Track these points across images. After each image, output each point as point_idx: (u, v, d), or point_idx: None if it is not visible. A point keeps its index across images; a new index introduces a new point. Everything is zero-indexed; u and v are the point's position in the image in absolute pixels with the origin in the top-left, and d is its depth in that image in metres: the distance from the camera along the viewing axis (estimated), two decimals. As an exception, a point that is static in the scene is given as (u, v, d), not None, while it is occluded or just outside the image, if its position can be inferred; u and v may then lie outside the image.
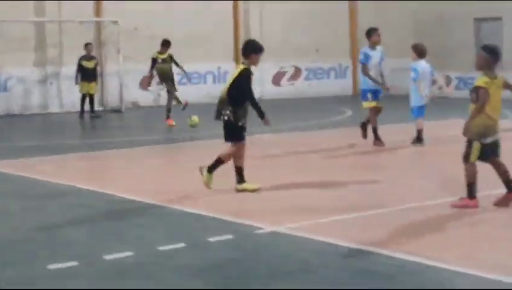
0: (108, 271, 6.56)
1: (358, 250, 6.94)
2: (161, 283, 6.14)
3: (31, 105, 23.61)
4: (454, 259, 6.52)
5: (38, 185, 11.01)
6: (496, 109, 8.45)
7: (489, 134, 8.45)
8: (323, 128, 17.95)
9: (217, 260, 6.80)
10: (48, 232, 8.12)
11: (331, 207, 8.83)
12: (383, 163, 12.59)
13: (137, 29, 24.60)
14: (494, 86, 8.42)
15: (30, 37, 23.68)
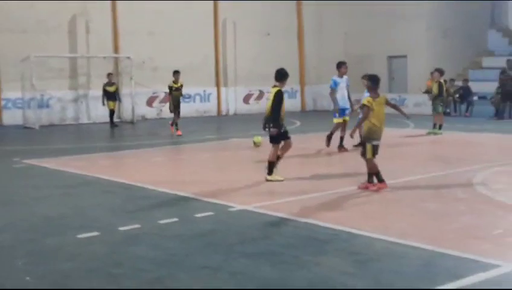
0: (122, 239, 6.51)
1: (304, 222, 6.94)
2: (160, 246, 6.11)
3: (66, 117, 23.62)
4: (372, 229, 6.56)
5: (70, 176, 10.89)
6: (379, 119, 8.64)
7: (374, 137, 8.65)
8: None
9: (201, 230, 6.77)
10: (76, 210, 8.03)
11: (286, 191, 8.82)
12: (320, 160, 12.61)
13: (145, 62, 24.65)
14: (376, 103, 8.66)
15: (65, 68, 23.69)
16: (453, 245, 5.87)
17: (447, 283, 4.84)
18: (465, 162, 11.24)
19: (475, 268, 5.18)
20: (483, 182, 9.16)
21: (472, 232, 6.44)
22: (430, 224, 6.85)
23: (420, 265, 5.38)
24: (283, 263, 5.52)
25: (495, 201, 7.94)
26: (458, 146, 14.22)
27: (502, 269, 5.15)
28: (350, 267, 5.37)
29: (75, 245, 6.27)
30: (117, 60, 24.54)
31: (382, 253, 5.77)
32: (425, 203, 7.91)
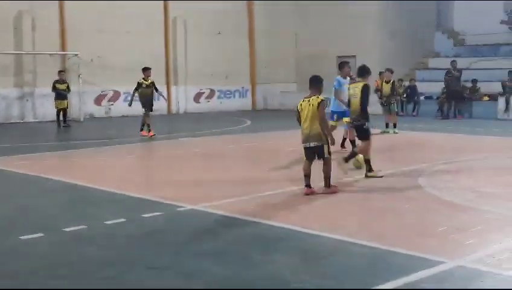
0: (67, 239, 6.36)
1: (254, 221, 6.93)
2: (107, 247, 6.00)
3: (11, 116, 22.94)
4: (321, 227, 6.60)
5: (13, 176, 10.60)
6: (303, 120, 8.31)
7: (302, 139, 8.41)
8: (232, 133, 17.92)
9: (149, 230, 6.69)
10: (20, 211, 7.82)
11: (236, 191, 8.78)
12: (271, 159, 12.62)
13: (93, 60, 24.21)
14: (305, 103, 8.33)
15: (10, 65, 23.00)
16: (399, 243, 5.96)
17: (393, 280, 4.91)
18: (412, 161, 11.45)
19: (420, 265, 5.26)
20: (429, 181, 9.35)
21: (418, 229, 6.55)
22: (377, 222, 6.94)
23: (368, 262, 5.45)
24: (232, 262, 5.49)
25: (440, 199, 8.10)
26: (405, 145, 14.48)
27: (446, 266, 5.25)
28: (299, 265, 5.39)
29: (19, 247, 6.09)
30: (64, 58, 24.03)
31: (331, 251, 5.82)
32: (373, 201, 8.02)
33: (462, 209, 7.47)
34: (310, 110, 8.22)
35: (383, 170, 9.95)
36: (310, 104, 8.26)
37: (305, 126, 8.30)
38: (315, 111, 8.18)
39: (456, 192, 8.51)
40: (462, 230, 6.42)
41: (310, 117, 8.20)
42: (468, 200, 7.94)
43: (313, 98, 8.29)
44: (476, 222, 6.81)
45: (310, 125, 8.22)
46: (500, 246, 5.80)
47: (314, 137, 8.22)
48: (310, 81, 8.50)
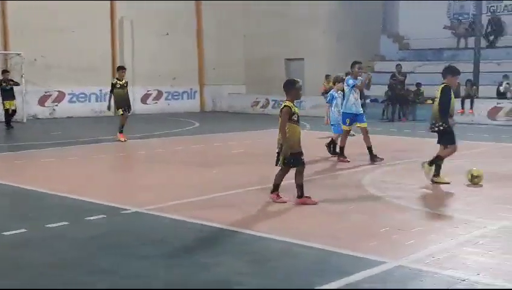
0: (6, 244, 6.21)
1: (201, 224, 6.92)
2: (48, 251, 5.89)
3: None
4: (269, 229, 6.65)
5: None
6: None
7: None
8: (180, 135, 17.83)
9: (93, 233, 6.59)
10: (-41, 215, 7.59)
11: (183, 193, 8.76)
12: (219, 161, 12.62)
13: (37, 60, 23.69)
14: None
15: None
16: (343, 244, 6.06)
17: (335, 280, 4.99)
18: (355, 162, 11.64)
19: (363, 265, 5.37)
20: (373, 182, 9.54)
21: (361, 230, 6.68)
22: (322, 223, 7.03)
23: (312, 263, 5.53)
24: (178, 265, 5.48)
25: (383, 200, 8.28)
26: (350, 147, 14.69)
27: (387, 266, 5.38)
28: (246, 268, 5.42)
29: (-45, 252, 5.92)
30: (6, 57, 23.43)
31: (277, 253, 5.87)
32: (319, 203, 8.12)
33: (403, 210, 7.66)
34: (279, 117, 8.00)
35: (328, 172, 10.11)
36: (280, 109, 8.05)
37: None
38: (280, 117, 7.91)
39: (399, 193, 8.70)
40: (404, 230, 6.58)
41: (279, 123, 7.93)
42: (409, 201, 8.14)
43: (282, 103, 8.05)
44: (416, 222, 6.99)
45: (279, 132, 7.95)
46: (439, 246, 5.97)
47: (278, 144, 7.95)
48: (283, 86, 8.11)
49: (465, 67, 23.18)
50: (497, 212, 7.48)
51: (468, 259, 5.57)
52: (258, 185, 9.19)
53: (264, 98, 27.30)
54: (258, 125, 20.06)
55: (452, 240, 6.21)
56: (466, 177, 9.20)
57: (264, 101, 27.33)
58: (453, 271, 5.20)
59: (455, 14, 27.17)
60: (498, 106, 20.80)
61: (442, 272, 5.18)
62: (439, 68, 24.02)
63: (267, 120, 22.02)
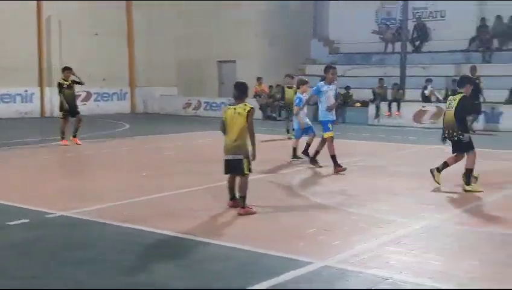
0: None
1: (128, 227, 6.82)
2: (-34, 259, 5.67)
3: None
4: (196, 232, 6.63)
5: None
6: (227, 130, 7.58)
7: (224, 151, 7.67)
8: (109, 137, 17.52)
9: (15, 239, 6.39)
10: None
11: (110, 196, 8.60)
12: (141, 163, 12.48)
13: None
14: (231, 112, 7.59)
15: None
16: (271, 245, 6.11)
17: (262, 282, 5.03)
18: (285, 165, 11.76)
19: (290, 266, 5.43)
20: (301, 183, 9.67)
21: (289, 231, 6.75)
22: (251, 225, 7.07)
23: (240, 265, 5.54)
24: (102, 269, 5.38)
25: (311, 201, 8.41)
26: (280, 149, 14.85)
27: (314, 266, 5.45)
28: (174, 271, 5.38)
29: None
30: None
31: (205, 256, 5.86)
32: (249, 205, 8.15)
33: (330, 211, 7.79)
34: (235, 120, 7.50)
35: (258, 174, 10.17)
36: (236, 113, 7.52)
37: (229, 137, 7.53)
38: (243, 121, 7.47)
39: (326, 194, 8.86)
40: (330, 231, 6.69)
41: (234, 127, 7.48)
42: (336, 202, 8.30)
43: (240, 106, 7.56)
44: (343, 223, 7.13)
45: (235, 137, 7.47)
46: (364, 246, 6.10)
47: (234, 149, 7.49)
48: (236, 88, 7.72)
49: (392, 71, 24.01)
50: (420, 212, 7.72)
51: (391, 258, 5.72)
52: (189, 187, 9.15)
53: (196, 100, 27.22)
54: (190, 127, 19.98)
55: (377, 240, 6.37)
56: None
57: (196, 103, 27.24)
58: (377, 270, 5.33)
59: (383, 20, 27.92)
60: (423, 109, 21.49)
61: (367, 271, 5.30)
62: (367, 72, 24.95)
63: (199, 122, 22.01)
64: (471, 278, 5.19)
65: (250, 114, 7.51)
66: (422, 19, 26.31)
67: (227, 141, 7.58)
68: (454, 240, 6.56)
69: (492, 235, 6.65)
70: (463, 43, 24.50)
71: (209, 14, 27.46)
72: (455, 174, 9.41)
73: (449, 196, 8.86)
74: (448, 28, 24.82)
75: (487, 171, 11.18)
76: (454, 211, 7.83)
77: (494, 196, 8.84)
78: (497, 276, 5.29)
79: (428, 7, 26.37)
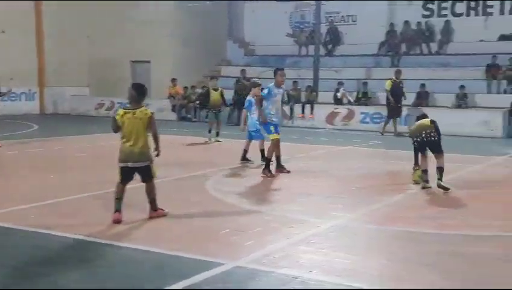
0: None
1: (33, 231, 6.61)
2: None
3: None
4: (107, 235, 6.53)
5: None
6: (127, 136, 7.10)
7: (122, 158, 7.16)
8: (16, 138, 16.85)
9: None
10: None
11: (17, 199, 8.29)
12: (49, 165, 12.12)
13: None
14: (130, 116, 7.07)
15: None
16: (184, 247, 6.10)
17: (174, 284, 5.01)
18: (200, 166, 11.75)
19: (202, 267, 5.43)
20: (215, 185, 9.69)
21: (203, 233, 6.75)
22: (162, 228, 7.01)
23: (151, 268, 5.49)
24: (5, 276, 5.18)
25: (224, 202, 8.44)
26: (195, 150, 14.84)
27: (226, 267, 5.48)
28: (79, 276, 5.26)
29: None
30: None
31: (113, 259, 5.77)
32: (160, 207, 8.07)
33: (244, 212, 7.86)
34: (136, 125, 7.07)
35: (173, 175, 10.12)
36: (136, 117, 7.07)
37: (128, 143, 7.08)
38: (143, 126, 7.11)
39: (239, 196, 8.92)
40: (242, 232, 6.75)
41: (136, 133, 7.07)
42: (249, 203, 8.39)
43: (140, 110, 7.12)
44: (255, 224, 7.19)
45: (135, 143, 7.06)
46: (275, 246, 6.19)
47: (139, 156, 7.13)
48: (135, 90, 7.21)
49: (305, 74, 24.47)
50: (330, 211, 7.92)
51: (301, 257, 5.84)
52: (98, 190, 8.95)
53: (109, 100, 26.68)
54: (102, 128, 19.51)
55: (288, 239, 6.48)
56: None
57: (109, 104, 26.70)
58: (287, 269, 5.43)
59: (296, 23, 28.40)
60: (335, 111, 22.03)
61: (278, 271, 5.39)
62: (282, 74, 25.24)
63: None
64: (379, 276, 5.38)
65: (153, 120, 7.18)
66: (334, 23, 26.97)
67: (129, 148, 7.09)
68: (363, 238, 6.78)
69: (399, 233, 6.91)
70: (373, 47, 25.34)
71: (123, 14, 26.98)
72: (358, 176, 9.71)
73: (358, 196, 9.14)
74: (359, 33, 25.59)
75: (394, 172, 11.63)
76: (363, 211, 8.07)
77: (400, 196, 9.20)
78: (404, 273, 5.51)
79: (341, 11, 27.08)
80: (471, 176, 11.33)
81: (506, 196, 9.37)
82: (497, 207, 8.50)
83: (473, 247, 6.34)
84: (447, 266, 5.67)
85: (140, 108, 7.17)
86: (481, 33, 23.87)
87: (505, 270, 5.61)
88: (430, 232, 6.95)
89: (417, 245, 6.39)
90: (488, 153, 14.75)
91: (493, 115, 19.44)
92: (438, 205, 8.57)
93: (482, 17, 24.28)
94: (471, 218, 7.83)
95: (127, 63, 27.95)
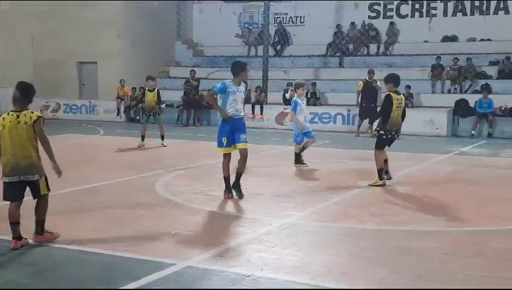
0: None
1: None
2: None
3: None
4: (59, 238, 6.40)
5: None
6: (9, 145, 6.05)
7: (6, 172, 6.10)
8: None
9: None
10: None
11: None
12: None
13: None
14: (12, 120, 6.02)
15: None
16: (134, 248, 6.05)
17: (125, 284, 4.97)
18: (149, 167, 11.67)
19: (152, 268, 5.40)
20: (165, 186, 9.64)
21: (153, 234, 6.71)
22: (112, 229, 6.93)
23: (99, 270, 5.44)
24: None
25: (174, 203, 8.40)
26: (146, 152, 14.70)
27: (176, 267, 5.47)
28: (25, 279, 5.16)
29: None
30: None
31: (61, 262, 5.67)
32: (110, 209, 7.98)
33: (194, 213, 7.83)
34: (21, 132, 6.02)
35: (123, 177, 10.01)
36: (21, 122, 6.03)
37: (13, 154, 6.01)
38: (28, 132, 6.04)
39: (189, 196, 8.89)
40: (193, 232, 6.74)
41: (23, 141, 6.03)
42: (200, 204, 8.36)
43: (25, 114, 6.07)
44: (205, 223, 7.20)
45: (19, 152, 6.01)
46: (226, 245, 6.22)
47: (28, 169, 6.05)
48: (20, 90, 6.16)
49: (254, 74, 24.51)
50: (281, 211, 7.98)
51: (252, 256, 5.87)
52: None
53: (55, 101, 26.19)
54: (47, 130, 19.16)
55: (239, 238, 6.51)
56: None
57: (55, 105, 26.22)
58: (238, 268, 5.45)
59: (245, 24, 28.50)
60: (285, 111, 22.17)
61: (229, 270, 5.41)
62: (231, 75, 25.18)
63: (58, 125, 21.18)
64: (327, 272, 5.46)
65: (38, 123, 6.07)
66: (283, 24, 27.18)
67: (10, 159, 6.01)
68: (312, 236, 6.86)
69: (347, 230, 7.03)
70: (321, 48, 25.64)
71: (69, 13, 26.48)
72: (309, 175, 9.79)
73: (308, 195, 9.24)
74: (308, 34, 25.87)
75: (344, 170, 11.81)
76: (312, 209, 8.16)
77: (348, 193, 9.36)
78: (351, 268, 5.61)
79: (289, 13, 27.31)
80: (416, 173, 11.60)
81: (450, 192, 9.64)
82: (442, 203, 8.73)
83: (419, 242, 6.51)
84: (394, 261, 5.81)
85: (24, 111, 6.09)
86: (425, 34, 24.50)
87: (451, 264, 5.78)
88: (376, 228, 7.10)
89: (364, 241, 6.51)
90: (433, 151, 15.15)
91: (438, 115, 19.96)
92: (384, 202, 8.75)
93: (426, 18, 24.90)
94: (417, 214, 8.03)
95: (74, 63, 27.49)
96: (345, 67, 24.78)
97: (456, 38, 24.20)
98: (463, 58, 22.20)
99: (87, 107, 25.58)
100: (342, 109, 21.29)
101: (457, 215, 7.97)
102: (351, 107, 20.82)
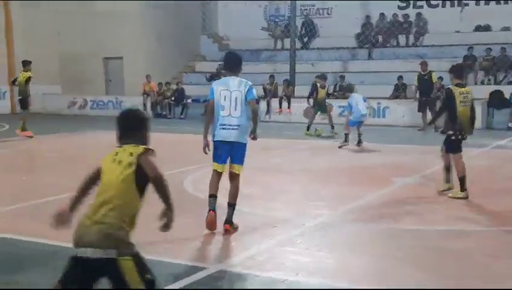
0: None
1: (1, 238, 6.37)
2: None
3: None
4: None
5: None
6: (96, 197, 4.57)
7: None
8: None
9: None
10: None
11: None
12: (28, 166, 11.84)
13: None
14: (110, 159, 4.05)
15: None
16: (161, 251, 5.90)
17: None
18: (177, 164, 11.54)
19: (184, 272, 5.30)
20: (194, 184, 9.50)
21: (181, 235, 6.54)
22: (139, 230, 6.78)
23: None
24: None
25: (203, 202, 8.24)
26: (173, 148, 14.62)
27: (208, 271, 5.33)
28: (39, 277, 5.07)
29: None
30: None
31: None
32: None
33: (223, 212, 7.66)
34: (113, 174, 3.77)
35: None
36: (116, 161, 3.80)
37: (92, 210, 3.71)
38: (126, 177, 3.77)
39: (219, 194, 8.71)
40: (225, 234, 6.57)
41: (111, 190, 3.77)
42: (230, 203, 8.18)
43: (127, 148, 3.86)
44: (237, 224, 7.03)
45: (104, 209, 3.71)
46: (259, 247, 6.05)
47: (103, 237, 3.64)
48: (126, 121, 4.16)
49: (281, 67, 24.32)
50: (313, 210, 7.79)
51: (287, 259, 5.70)
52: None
53: (82, 98, 26.30)
54: (75, 127, 19.26)
55: (271, 240, 6.34)
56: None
57: (82, 102, 26.33)
58: (272, 273, 5.28)
59: (271, 16, 28.27)
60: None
61: (263, 274, 5.25)
62: (257, 68, 25.07)
63: (85, 121, 21.27)
64: (363, 275, 5.27)
65: (145, 157, 3.86)
66: (309, 16, 26.87)
67: (86, 219, 3.69)
68: (347, 236, 6.67)
69: (381, 230, 6.83)
70: (349, 40, 25.29)
71: (95, 10, 26.52)
72: (340, 171, 9.57)
73: (340, 193, 9.03)
74: (335, 25, 25.52)
75: (377, 166, 11.57)
76: (344, 208, 7.96)
77: (383, 191, 9.11)
78: (388, 270, 5.41)
79: (315, 4, 26.99)
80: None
81: (489, 189, 9.33)
82: (480, 200, 8.43)
83: (458, 242, 6.27)
84: (432, 261, 5.58)
85: (132, 145, 3.88)
86: (457, 24, 24.00)
87: (490, 265, 5.54)
88: (414, 228, 6.87)
89: (401, 242, 6.31)
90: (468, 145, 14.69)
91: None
92: (420, 200, 8.49)
93: (457, 8, 24.39)
94: (455, 212, 7.76)
95: (100, 59, 27.55)
96: (374, 59, 24.39)
97: (489, 27, 23.66)
98: (496, 48, 21.66)
99: (113, 103, 25.60)
100: (372, 101, 20.92)
101: (498, 213, 7.69)
102: (381, 100, 20.48)
